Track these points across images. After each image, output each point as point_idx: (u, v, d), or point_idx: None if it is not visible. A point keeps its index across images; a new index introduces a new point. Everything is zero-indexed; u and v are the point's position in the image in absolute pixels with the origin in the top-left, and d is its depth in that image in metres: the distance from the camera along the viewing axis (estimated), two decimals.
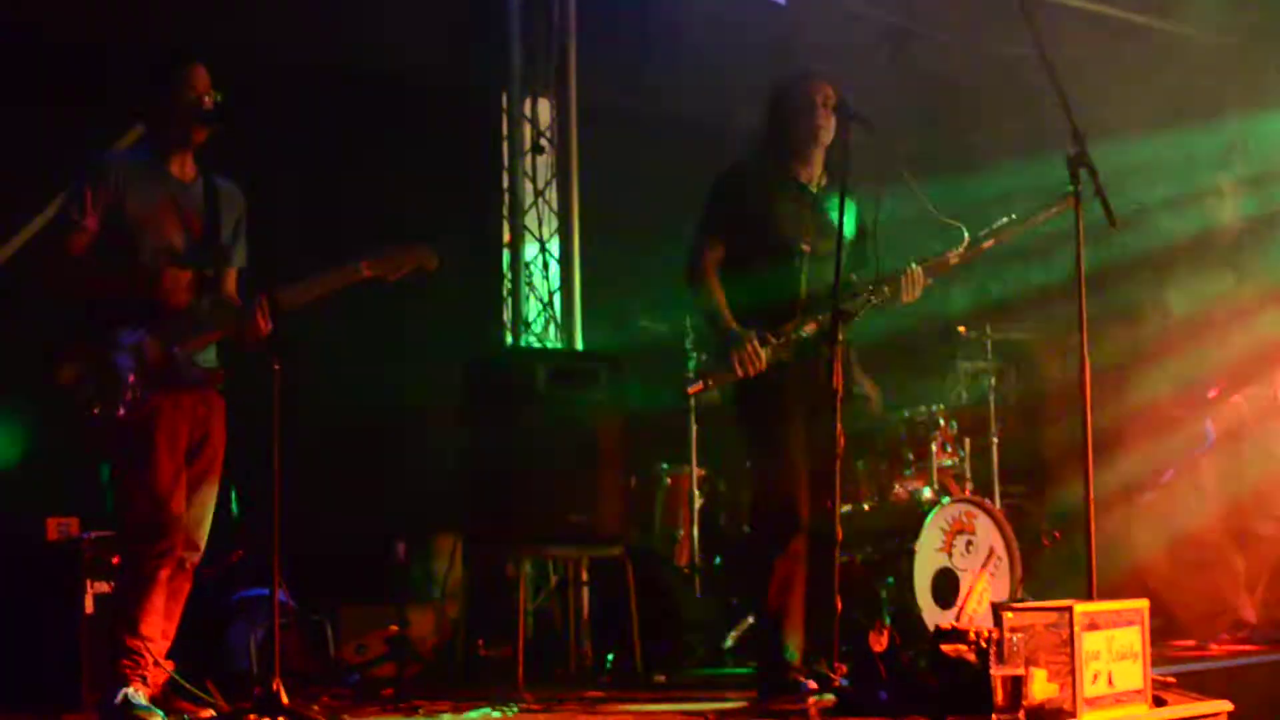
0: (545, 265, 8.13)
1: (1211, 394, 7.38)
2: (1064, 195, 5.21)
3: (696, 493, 7.36)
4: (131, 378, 4.91)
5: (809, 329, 5.35)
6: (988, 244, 5.51)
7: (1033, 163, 6.27)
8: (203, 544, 5.14)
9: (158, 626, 4.98)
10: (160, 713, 4.88)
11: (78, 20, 6.80)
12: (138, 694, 4.88)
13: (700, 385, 5.45)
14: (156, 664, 5.00)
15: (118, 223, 4.99)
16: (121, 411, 4.89)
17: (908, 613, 6.54)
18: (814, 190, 5.61)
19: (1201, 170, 7.64)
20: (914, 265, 5.47)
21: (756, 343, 5.32)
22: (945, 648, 4.79)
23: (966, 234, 5.49)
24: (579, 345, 7.94)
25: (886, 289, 5.45)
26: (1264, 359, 7.33)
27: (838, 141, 5.49)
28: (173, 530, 4.97)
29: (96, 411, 4.88)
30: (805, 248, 5.48)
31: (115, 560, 5.57)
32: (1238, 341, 7.25)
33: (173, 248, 5.06)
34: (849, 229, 5.51)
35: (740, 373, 5.32)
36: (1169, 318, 7.45)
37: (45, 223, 6.13)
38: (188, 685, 5.14)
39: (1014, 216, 5.51)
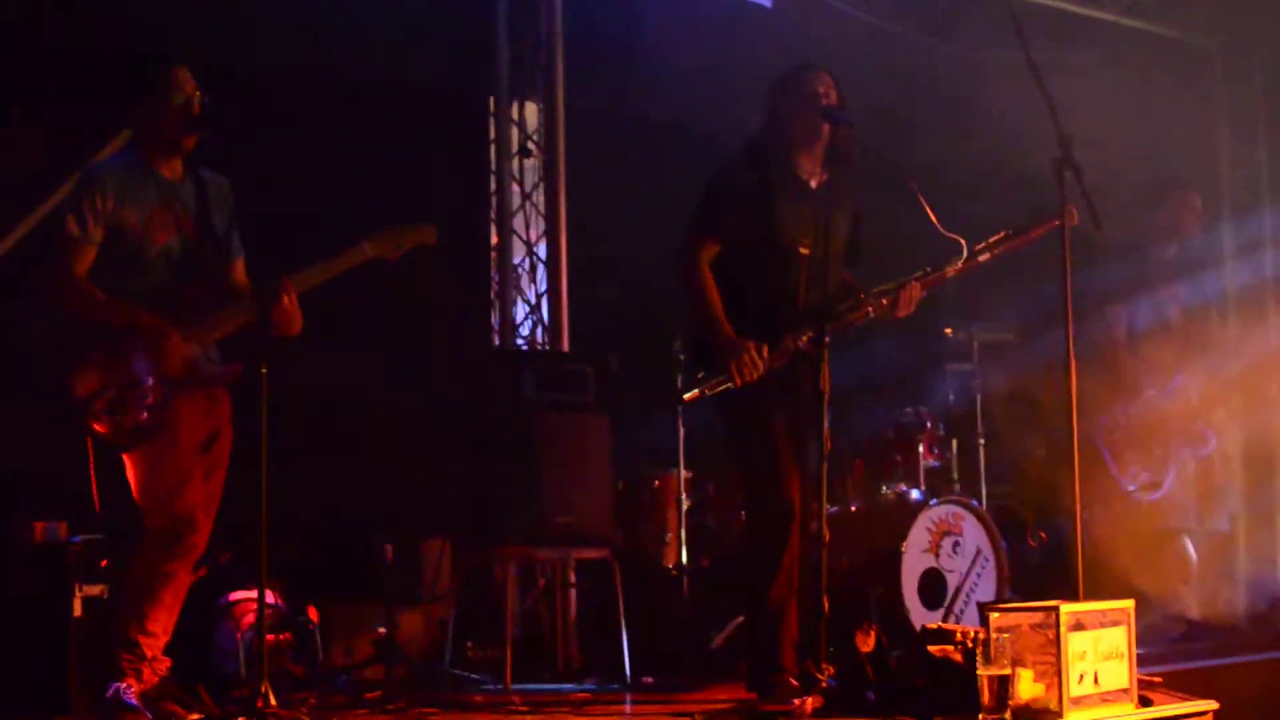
0: (532, 268, 8.14)
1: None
2: (1061, 209, 5.20)
3: (684, 495, 7.37)
4: (150, 381, 4.92)
5: (805, 340, 5.29)
6: (985, 257, 5.45)
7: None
8: (206, 536, 5.15)
9: (162, 623, 5.01)
10: (149, 715, 4.88)
11: (74, 20, 6.80)
12: (129, 690, 4.89)
13: (696, 393, 5.40)
14: (155, 660, 5.02)
15: (117, 232, 5.00)
16: (145, 416, 4.91)
17: (895, 613, 6.56)
18: (814, 187, 5.50)
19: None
20: (914, 280, 5.44)
21: (754, 352, 5.27)
22: (932, 648, 4.81)
23: (965, 247, 5.43)
24: (566, 348, 7.94)
25: (885, 301, 5.43)
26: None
27: (834, 143, 5.47)
28: (197, 528, 5.01)
29: (120, 421, 4.88)
30: (804, 250, 5.40)
31: (104, 563, 5.56)
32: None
33: (172, 251, 5.08)
34: (845, 229, 5.52)
35: (738, 381, 5.27)
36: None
37: (40, 219, 6.13)
38: (177, 690, 5.14)
39: (1010, 231, 5.48)
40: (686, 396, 5.42)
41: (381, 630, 6.53)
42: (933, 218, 5.31)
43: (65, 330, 4.99)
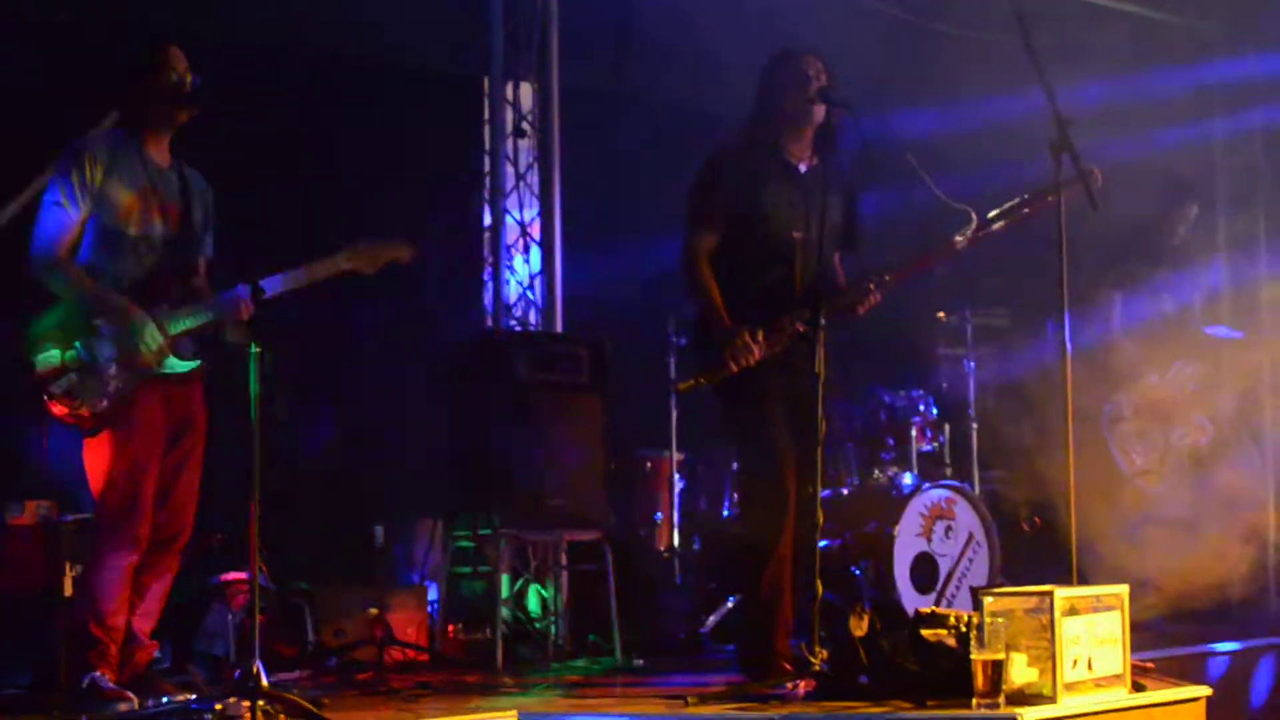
0: (526, 249, 8.12)
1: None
2: (1058, 190, 5.15)
3: (676, 477, 7.36)
4: (114, 368, 4.87)
5: (801, 324, 5.25)
6: (998, 226, 5.36)
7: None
8: (190, 524, 5.11)
9: (123, 615, 4.95)
10: (130, 694, 4.86)
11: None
12: (104, 677, 4.85)
13: (691, 382, 5.38)
14: (131, 647, 4.99)
15: (101, 208, 4.95)
16: (104, 404, 4.85)
17: (886, 597, 6.56)
18: (803, 171, 5.49)
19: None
20: (918, 254, 5.41)
21: (749, 338, 5.26)
22: (925, 632, 4.80)
23: (975, 217, 5.36)
24: (559, 329, 7.93)
25: (889, 278, 5.39)
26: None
27: (824, 126, 5.45)
28: (141, 521, 4.92)
29: (78, 405, 4.83)
30: (797, 234, 5.37)
31: None
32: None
33: (153, 236, 5.03)
34: (838, 211, 5.49)
35: (734, 368, 5.25)
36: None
37: (29, 200, 6.08)
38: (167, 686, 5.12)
39: (1025, 196, 5.40)
40: (681, 386, 5.40)
41: (373, 611, 6.52)
42: (935, 189, 5.25)
43: (34, 304, 4.93)
